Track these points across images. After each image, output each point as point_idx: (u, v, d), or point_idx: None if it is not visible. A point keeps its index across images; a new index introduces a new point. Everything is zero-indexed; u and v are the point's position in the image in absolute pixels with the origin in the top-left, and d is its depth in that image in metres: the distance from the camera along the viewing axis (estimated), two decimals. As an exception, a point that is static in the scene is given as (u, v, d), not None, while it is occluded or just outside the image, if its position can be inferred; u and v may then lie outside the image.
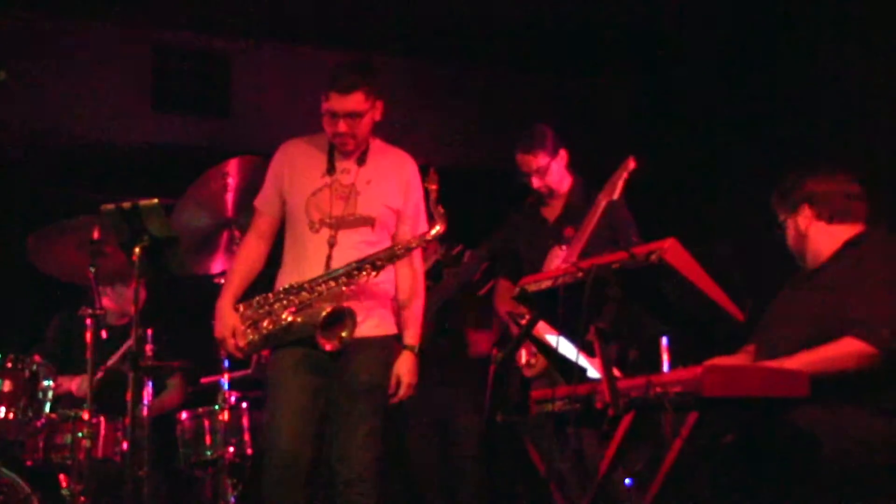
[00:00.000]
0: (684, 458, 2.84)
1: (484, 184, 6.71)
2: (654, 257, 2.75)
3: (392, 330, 3.94)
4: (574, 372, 3.09)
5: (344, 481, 3.76)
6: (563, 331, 3.17)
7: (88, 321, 4.31)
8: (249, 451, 5.05)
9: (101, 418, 4.57)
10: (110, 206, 3.36)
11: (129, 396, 3.29)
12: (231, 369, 4.69)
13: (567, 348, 3.19)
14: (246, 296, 3.87)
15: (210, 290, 4.45)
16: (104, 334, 4.32)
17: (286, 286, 3.78)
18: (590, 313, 2.80)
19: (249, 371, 5.48)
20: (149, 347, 4.74)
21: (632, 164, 4.35)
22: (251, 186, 4.23)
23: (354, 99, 3.75)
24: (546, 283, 3.11)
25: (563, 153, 4.61)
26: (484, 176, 6.67)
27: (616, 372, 2.93)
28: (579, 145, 4.71)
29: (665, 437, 3.59)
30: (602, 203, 4.32)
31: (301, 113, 5.97)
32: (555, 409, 3.14)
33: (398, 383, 3.91)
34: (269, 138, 5.69)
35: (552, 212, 4.67)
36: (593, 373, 3.22)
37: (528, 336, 3.26)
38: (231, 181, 4.47)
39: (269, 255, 3.96)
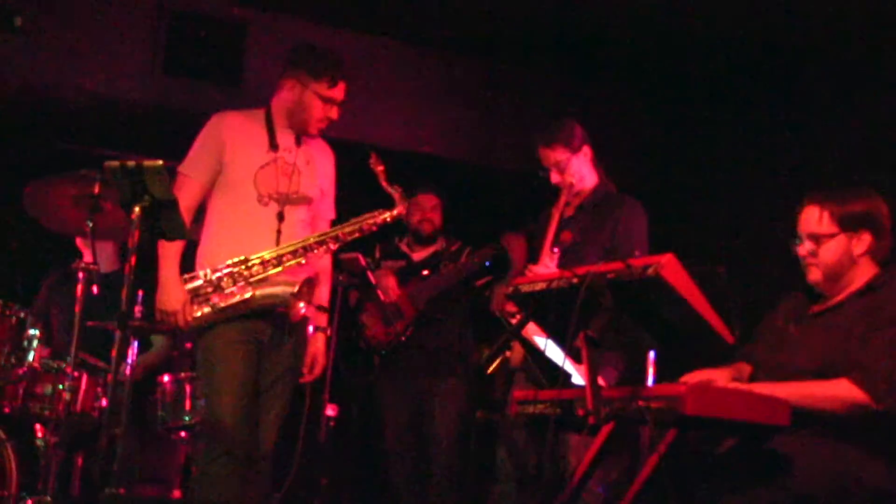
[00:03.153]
0: (659, 472, 2.84)
1: (487, 182, 6.73)
2: (650, 271, 2.75)
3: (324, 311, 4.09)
4: (558, 375, 3.11)
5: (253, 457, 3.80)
6: (552, 334, 3.17)
7: (81, 275, 4.31)
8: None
9: (84, 373, 4.57)
10: (114, 163, 3.34)
11: (113, 353, 3.27)
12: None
13: (554, 352, 3.20)
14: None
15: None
16: (95, 290, 4.31)
17: (234, 259, 3.78)
18: (581, 320, 2.81)
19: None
20: (138, 309, 4.75)
21: (579, 189, 4.37)
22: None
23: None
24: (540, 285, 3.12)
25: (586, 150, 4.45)
26: (488, 174, 6.68)
27: (601, 381, 2.94)
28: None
29: (642, 450, 3.61)
30: (556, 215, 4.32)
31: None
32: (535, 411, 3.14)
33: (313, 364, 4.03)
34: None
35: (569, 210, 4.50)
36: (577, 379, 3.23)
37: (517, 336, 3.26)
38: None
39: (191, 223, 3.91)
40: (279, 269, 3.79)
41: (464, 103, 6.48)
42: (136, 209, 3.34)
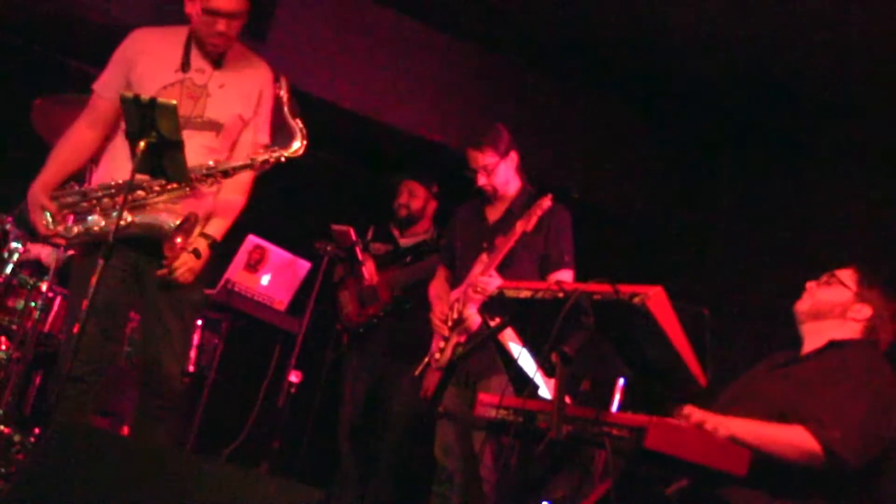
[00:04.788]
0: (608, 501, 2.85)
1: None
2: (637, 300, 2.75)
3: None
4: (526, 385, 3.12)
5: (154, 395, 3.75)
6: (528, 343, 3.18)
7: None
8: (191, 368, 5.07)
9: (59, 295, 4.56)
10: (128, 94, 3.34)
11: (93, 281, 3.24)
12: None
13: (527, 362, 3.21)
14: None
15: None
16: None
17: (120, 181, 3.62)
18: (559, 335, 2.81)
19: (214, 292, 5.49)
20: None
21: (547, 203, 4.36)
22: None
23: None
24: (525, 293, 3.12)
25: (513, 155, 4.50)
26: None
27: (566, 399, 2.94)
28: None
29: (593, 472, 3.62)
30: (518, 230, 4.33)
31: (339, 56, 5.98)
32: (498, 416, 3.14)
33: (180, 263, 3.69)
34: (300, 73, 5.70)
35: (494, 213, 4.56)
36: (544, 392, 3.24)
37: (493, 339, 3.27)
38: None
39: (99, 145, 3.80)
40: (163, 196, 3.64)
41: (484, 97, 6.45)
42: (142, 143, 3.34)
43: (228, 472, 2.57)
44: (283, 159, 3.69)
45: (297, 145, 3.68)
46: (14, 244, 4.49)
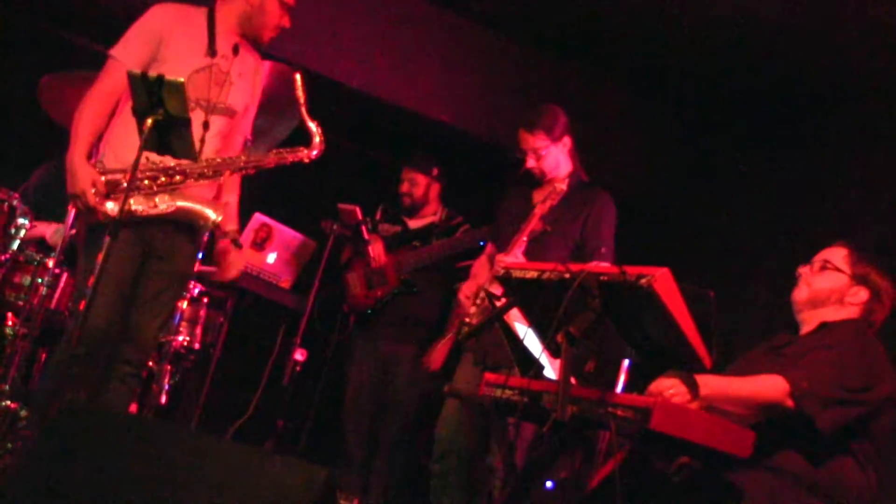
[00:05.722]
0: (612, 480, 2.86)
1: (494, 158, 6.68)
2: (643, 282, 2.75)
3: None
4: (531, 365, 3.12)
5: (126, 361, 3.73)
6: (534, 324, 3.18)
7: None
8: (197, 345, 5.07)
9: (65, 272, 4.56)
10: (136, 72, 3.33)
11: (99, 258, 3.24)
12: (204, 262, 4.69)
13: (532, 342, 3.21)
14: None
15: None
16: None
17: (156, 161, 3.64)
18: (565, 316, 2.81)
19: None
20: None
21: (561, 188, 4.33)
22: (268, 92, 4.19)
23: None
24: (532, 274, 3.12)
25: (567, 140, 4.47)
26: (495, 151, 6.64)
27: (572, 380, 2.94)
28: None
29: (598, 453, 3.63)
30: (537, 212, 4.29)
31: (346, 36, 5.96)
32: (503, 395, 3.15)
33: (228, 267, 3.96)
34: (306, 52, 5.69)
35: (540, 196, 4.48)
36: (550, 372, 3.24)
37: (499, 319, 3.27)
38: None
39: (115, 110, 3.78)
40: (199, 182, 3.72)
41: (497, 80, 6.43)
42: (149, 121, 3.33)
43: (233, 450, 2.58)
44: (304, 159, 3.86)
45: (317, 146, 3.85)
46: (21, 220, 4.49)
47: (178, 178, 3.67)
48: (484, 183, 6.33)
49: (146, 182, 3.65)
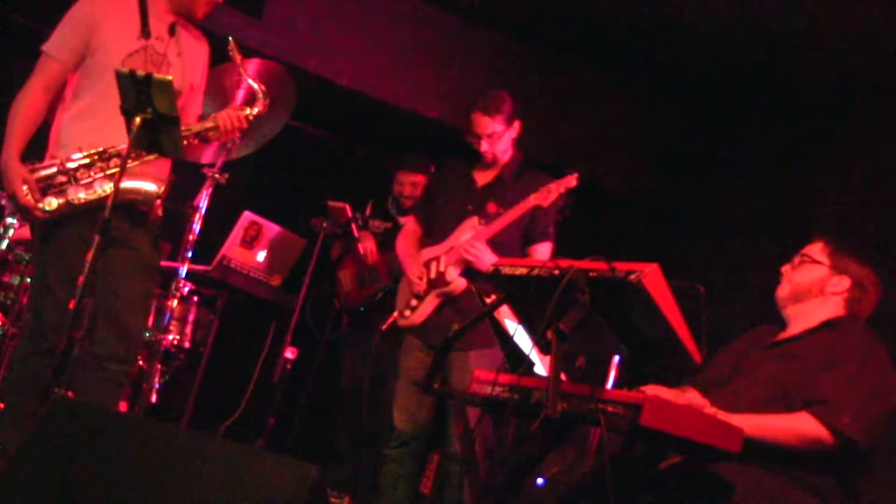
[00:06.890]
0: (602, 476, 2.86)
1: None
2: (633, 277, 2.74)
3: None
4: (522, 362, 3.12)
5: (112, 357, 3.68)
6: (524, 321, 3.18)
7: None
8: (187, 344, 5.06)
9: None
10: (125, 70, 3.32)
11: (88, 257, 3.23)
12: (193, 261, 4.68)
13: (522, 339, 3.21)
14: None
15: (197, 177, 4.46)
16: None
17: (91, 150, 3.62)
18: (555, 312, 2.81)
19: (210, 268, 5.48)
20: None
21: (573, 182, 4.34)
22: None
23: None
24: (521, 270, 3.12)
25: (517, 125, 4.51)
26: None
27: (562, 376, 2.94)
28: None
29: (588, 449, 3.64)
30: (531, 203, 4.30)
31: (335, 33, 5.96)
32: (493, 393, 3.15)
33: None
34: (296, 49, 5.69)
35: (483, 178, 4.54)
36: (540, 369, 3.24)
37: (489, 316, 3.27)
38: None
39: (49, 107, 3.74)
40: (136, 162, 3.64)
41: (489, 77, 6.42)
42: (137, 119, 3.32)
43: (225, 448, 2.58)
44: (251, 117, 3.82)
45: (261, 105, 3.84)
46: (9, 220, 4.48)
47: (113, 161, 3.62)
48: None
49: (81, 171, 3.60)
